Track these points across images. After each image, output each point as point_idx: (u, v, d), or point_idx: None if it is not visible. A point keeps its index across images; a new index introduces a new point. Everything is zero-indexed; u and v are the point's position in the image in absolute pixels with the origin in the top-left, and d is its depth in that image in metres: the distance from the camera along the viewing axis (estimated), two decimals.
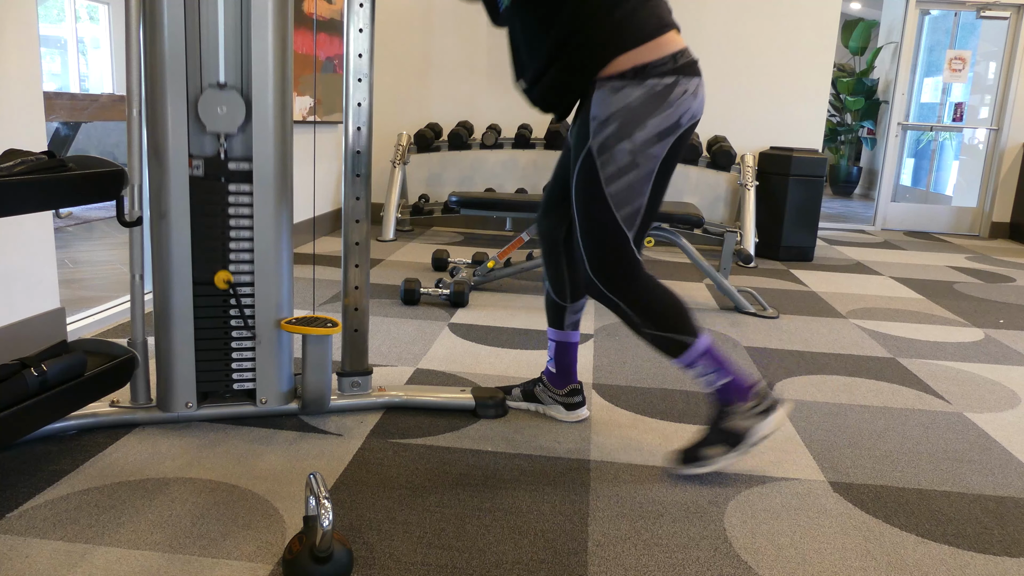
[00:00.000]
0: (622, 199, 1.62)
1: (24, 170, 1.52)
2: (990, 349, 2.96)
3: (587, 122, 1.62)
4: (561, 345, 2.01)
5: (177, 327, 1.83)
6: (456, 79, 5.24)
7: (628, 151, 1.58)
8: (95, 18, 8.38)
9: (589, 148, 1.61)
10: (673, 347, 1.70)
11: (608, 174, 1.60)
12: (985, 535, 1.58)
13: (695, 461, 1.76)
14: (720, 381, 1.71)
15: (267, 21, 1.75)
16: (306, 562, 1.28)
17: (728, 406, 1.72)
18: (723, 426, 1.73)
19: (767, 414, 1.71)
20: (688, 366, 1.71)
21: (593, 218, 1.65)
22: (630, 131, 1.57)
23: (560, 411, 2.05)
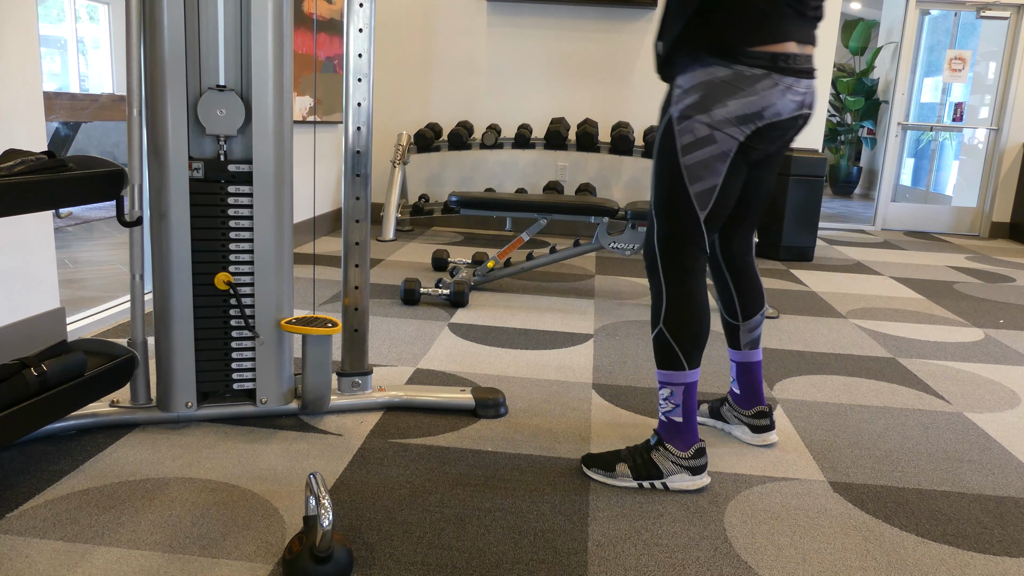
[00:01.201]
0: (696, 173, 1.61)
1: (24, 170, 1.52)
2: (990, 349, 2.96)
3: (670, 92, 1.65)
4: (742, 366, 1.94)
5: (177, 327, 1.83)
6: (456, 79, 5.24)
7: (705, 124, 1.58)
8: (95, 18, 8.38)
9: (670, 115, 1.63)
10: (670, 358, 1.68)
11: (684, 143, 1.61)
12: (985, 535, 1.58)
13: (603, 468, 1.73)
14: (674, 418, 1.70)
15: (267, 23, 1.75)
16: (306, 562, 1.28)
17: (665, 444, 1.71)
18: (649, 455, 1.71)
19: (695, 473, 1.70)
20: (664, 384, 1.70)
21: (667, 187, 1.65)
22: (709, 106, 1.57)
23: (745, 432, 1.97)
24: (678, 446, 1.70)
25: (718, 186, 1.62)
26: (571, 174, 5.32)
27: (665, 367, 1.69)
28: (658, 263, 1.69)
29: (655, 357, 1.71)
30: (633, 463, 1.71)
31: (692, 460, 1.70)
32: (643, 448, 1.73)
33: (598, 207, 3.38)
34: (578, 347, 2.71)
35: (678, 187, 1.63)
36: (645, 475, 1.70)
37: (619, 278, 3.95)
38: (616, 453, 1.75)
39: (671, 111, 1.63)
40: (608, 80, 5.17)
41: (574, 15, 5.08)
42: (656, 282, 1.70)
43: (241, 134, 1.81)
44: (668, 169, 1.64)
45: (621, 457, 1.73)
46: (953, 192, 7.32)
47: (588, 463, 1.76)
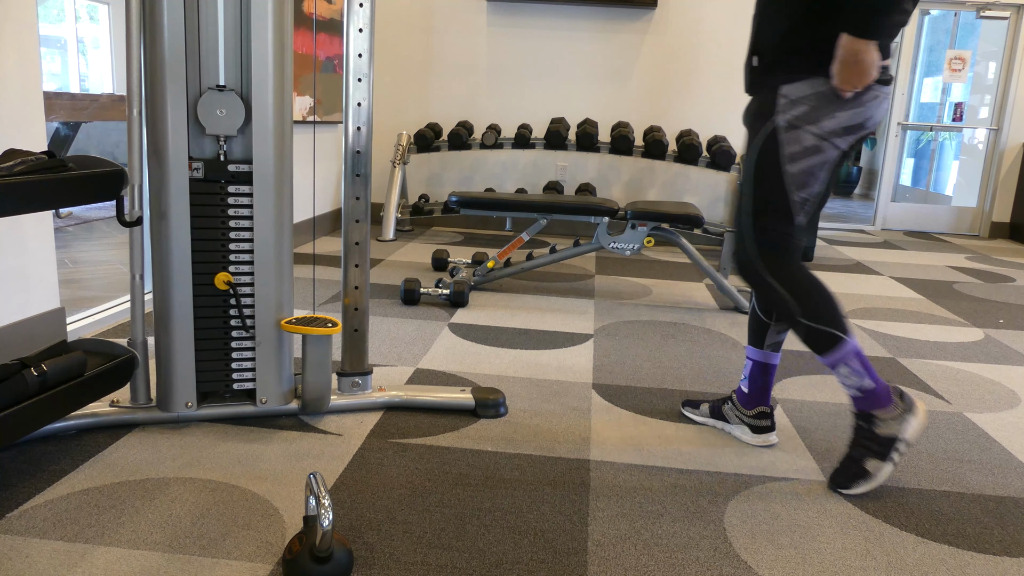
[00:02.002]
0: (799, 181, 1.65)
1: (24, 170, 1.52)
2: (990, 349, 2.96)
3: (772, 100, 1.66)
4: (759, 365, 1.94)
5: (177, 327, 1.83)
6: (456, 79, 5.24)
7: (814, 135, 1.62)
8: (95, 18, 8.39)
9: (775, 124, 1.64)
10: (825, 341, 1.69)
11: (790, 152, 1.64)
12: (985, 535, 1.59)
13: (861, 479, 1.71)
14: (866, 385, 1.69)
15: (267, 23, 1.75)
16: (306, 562, 1.28)
17: (871, 414, 1.71)
18: (874, 432, 1.71)
19: (907, 416, 1.69)
20: (835, 364, 1.70)
21: (766, 195, 1.67)
22: (818, 117, 1.61)
23: (745, 432, 1.97)
24: (885, 408, 1.70)
25: (816, 194, 1.67)
26: (571, 174, 5.32)
27: (827, 351, 1.69)
28: (760, 269, 1.72)
29: (812, 348, 1.72)
30: (872, 451, 1.70)
31: (903, 404, 1.70)
32: (864, 434, 1.72)
33: (598, 207, 3.38)
34: (578, 347, 2.71)
35: (779, 194, 1.67)
36: (885, 451, 1.70)
37: (619, 278, 3.95)
38: (852, 459, 1.73)
39: (776, 120, 1.65)
40: (608, 80, 5.17)
41: (574, 15, 5.08)
42: (765, 285, 1.72)
43: (241, 134, 1.81)
44: (769, 176, 1.67)
45: (857, 456, 1.72)
46: (953, 192, 7.32)
47: (843, 484, 1.72)
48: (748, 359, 1.97)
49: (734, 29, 5.06)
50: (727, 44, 5.08)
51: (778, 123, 1.65)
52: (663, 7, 5.04)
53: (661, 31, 5.08)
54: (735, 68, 5.11)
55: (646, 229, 3.34)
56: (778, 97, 1.65)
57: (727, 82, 5.13)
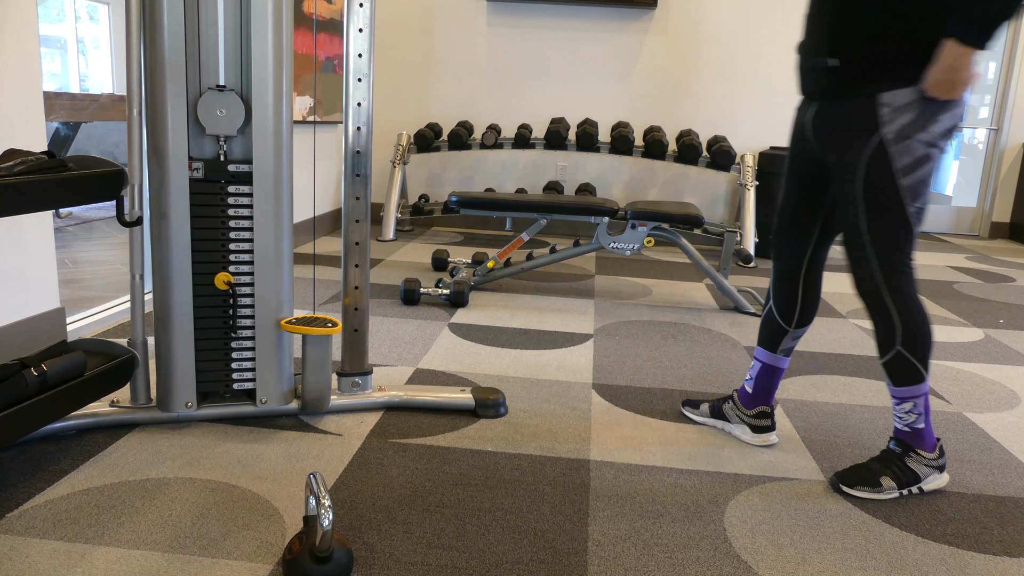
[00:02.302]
0: (914, 192, 1.59)
1: (24, 170, 1.52)
2: (990, 349, 2.96)
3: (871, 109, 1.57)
4: (768, 368, 1.95)
5: (177, 327, 1.83)
6: (456, 79, 5.24)
7: (924, 143, 1.56)
8: (95, 18, 8.39)
9: (882, 138, 1.56)
10: (911, 375, 1.68)
11: (903, 165, 1.57)
12: (985, 535, 1.59)
13: (869, 486, 1.72)
14: (917, 426, 1.72)
15: (267, 23, 1.75)
16: (306, 562, 1.28)
17: (912, 450, 1.74)
18: (904, 464, 1.73)
19: (940, 471, 1.75)
20: (904, 399, 1.70)
21: (884, 213, 1.60)
22: (925, 123, 1.55)
23: (745, 432, 1.98)
24: (925, 449, 1.73)
25: (927, 203, 1.62)
26: (571, 174, 5.32)
27: (905, 384, 1.69)
28: (884, 293, 1.65)
29: (891, 377, 1.70)
30: (894, 473, 1.73)
31: (939, 459, 1.74)
32: (894, 457, 1.75)
33: (598, 207, 3.38)
34: (578, 347, 2.71)
35: (897, 210, 1.60)
36: (906, 482, 1.73)
37: (619, 278, 3.95)
38: (868, 468, 1.75)
39: (883, 132, 1.56)
40: (608, 80, 5.17)
41: (574, 15, 5.08)
42: (883, 309, 1.66)
43: (241, 134, 1.81)
44: (887, 194, 1.59)
45: (878, 471, 1.73)
46: (953, 192, 7.32)
47: (848, 483, 1.73)
48: (757, 360, 1.97)
49: (734, 29, 5.06)
50: (727, 44, 5.08)
51: (884, 135, 1.56)
52: (663, 7, 5.04)
53: (661, 31, 5.08)
54: (735, 68, 5.11)
55: (646, 229, 3.34)
56: (879, 107, 1.57)
57: (727, 82, 5.13)
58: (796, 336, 1.91)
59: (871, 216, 1.62)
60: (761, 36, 5.05)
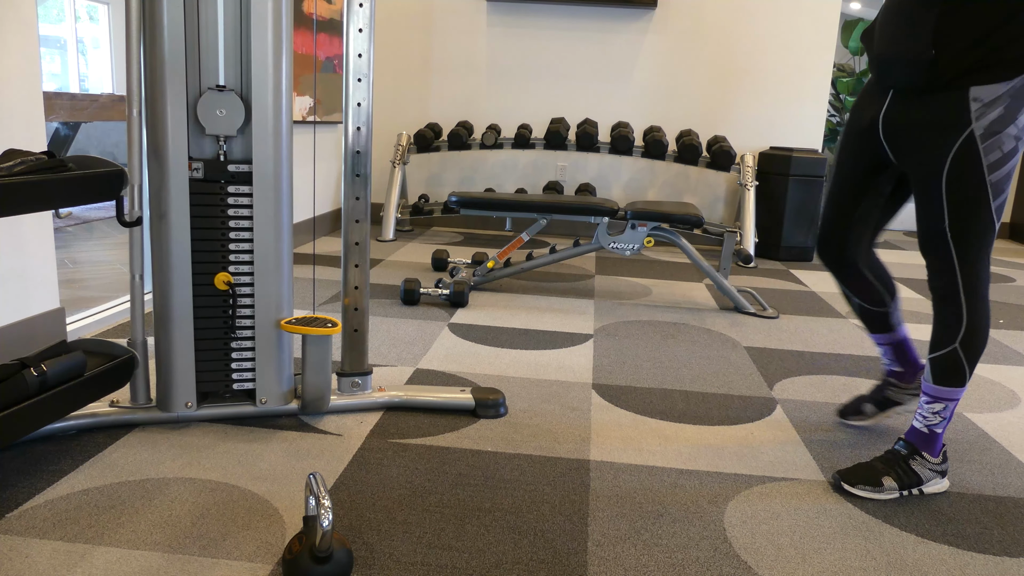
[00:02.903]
0: (1000, 187, 1.55)
1: (24, 170, 1.52)
2: (990, 349, 2.96)
3: (960, 105, 1.53)
4: (898, 344, 1.97)
5: (177, 327, 1.83)
6: (456, 79, 5.24)
7: (1013, 136, 1.52)
8: (95, 18, 8.39)
9: (971, 133, 1.52)
10: (956, 376, 1.68)
11: (992, 161, 1.53)
12: (985, 535, 1.59)
13: (869, 484, 1.73)
14: (936, 429, 1.73)
15: (267, 23, 1.75)
16: (306, 562, 1.28)
17: (919, 452, 1.75)
18: (908, 466, 1.74)
19: (942, 476, 1.77)
20: (937, 398, 1.71)
21: (968, 210, 1.57)
22: (1015, 115, 1.51)
23: None
24: (932, 453, 1.75)
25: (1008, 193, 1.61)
26: (571, 174, 5.32)
27: (947, 384, 1.69)
28: (961, 293, 1.63)
29: (936, 374, 1.70)
30: (897, 475, 1.73)
31: (942, 464, 1.76)
32: (898, 458, 1.75)
33: (598, 207, 3.38)
34: (578, 347, 2.71)
35: (983, 207, 1.56)
36: (908, 484, 1.74)
37: (619, 278, 3.95)
38: (871, 467, 1.75)
39: (973, 128, 1.52)
40: (608, 80, 5.17)
41: (574, 15, 5.08)
42: (955, 306, 1.64)
43: (241, 134, 1.81)
44: (973, 191, 1.56)
45: (881, 471, 1.74)
46: None
47: (849, 481, 1.73)
48: (882, 345, 1.99)
49: (734, 29, 5.06)
50: (727, 44, 5.08)
51: (975, 131, 1.53)
52: (663, 7, 5.04)
53: (661, 31, 5.08)
54: (735, 68, 5.11)
55: (646, 229, 3.34)
56: (970, 101, 1.52)
57: (727, 82, 5.13)
58: (897, 305, 1.93)
59: (955, 214, 1.58)
60: (761, 36, 5.05)
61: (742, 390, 2.37)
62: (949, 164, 1.56)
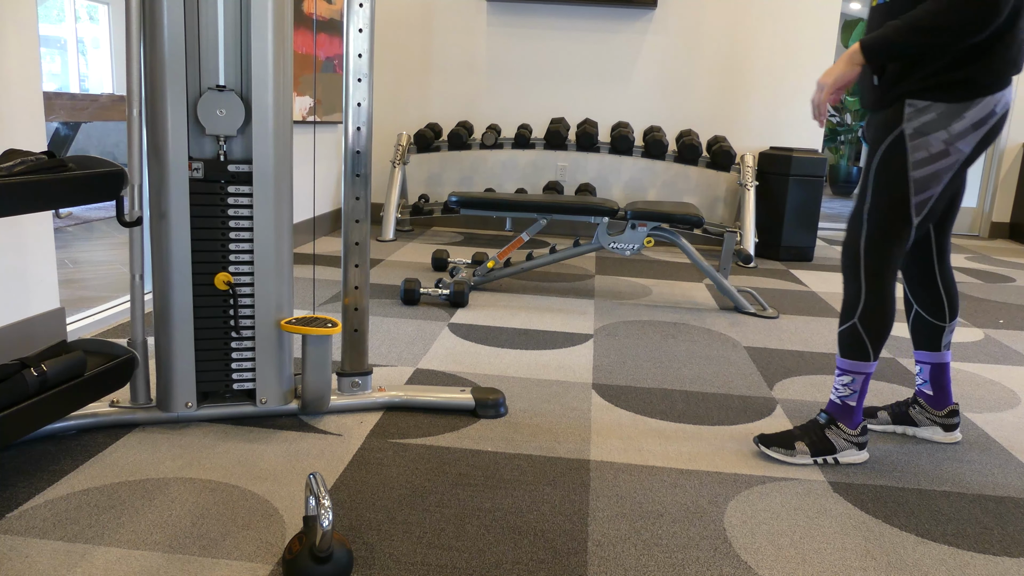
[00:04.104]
0: (923, 184, 1.69)
1: (24, 170, 1.52)
2: (990, 349, 2.96)
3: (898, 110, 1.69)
4: (937, 367, 2.00)
5: (177, 327, 1.83)
6: (456, 79, 5.24)
7: (943, 141, 1.65)
8: (95, 18, 8.39)
9: (902, 131, 1.68)
10: (858, 350, 1.80)
11: (917, 159, 1.67)
12: (985, 535, 1.59)
13: (783, 447, 1.86)
14: (849, 401, 1.85)
15: (267, 23, 1.75)
16: (306, 562, 1.28)
17: (836, 421, 1.86)
18: (823, 434, 1.86)
19: (860, 448, 1.87)
20: (845, 371, 1.83)
21: (888, 197, 1.71)
22: (947, 122, 1.64)
23: (938, 432, 2.04)
24: (848, 425, 1.86)
25: (937, 194, 1.71)
26: (571, 174, 5.32)
27: (851, 357, 1.82)
28: (861, 264, 1.77)
29: (841, 347, 1.83)
30: (810, 440, 1.86)
31: (859, 437, 1.87)
32: (815, 427, 1.88)
33: (598, 207, 3.38)
34: (578, 347, 2.71)
35: (900, 197, 1.70)
36: (821, 451, 1.85)
37: (619, 278, 3.95)
38: (790, 433, 1.89)
39: (903, 127, 1.68)
40: (608, 80, 5.17)
41: (574, 15, 5.08)
42: (855, 281, 1.79)
43: (241, 134, 1.81)
44: (893, 181, 1.70)
45: (796, 436, 1.87)
46: None
47: (766, 443, 1.88)
48: (923, 363, 2.02)
49: (734, 29, 5.06)
50: (727, 44, 5.08)
51: (904, 130, 1.68)
52: (663, 7, 5.04)
53: (661, 31, 5.08)
54: (735, 68, 5.11)
55: (646, 229, 3.34)
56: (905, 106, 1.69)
57: (727, 82, 5.13)
58: (952, 329, 1.98)
59: (876, 199, 1.73)
60: (761, 36, 5.05)
61: (742, 390, 2.37)
62: (880, 154, 1.72)
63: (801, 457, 1.85)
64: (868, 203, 1.74)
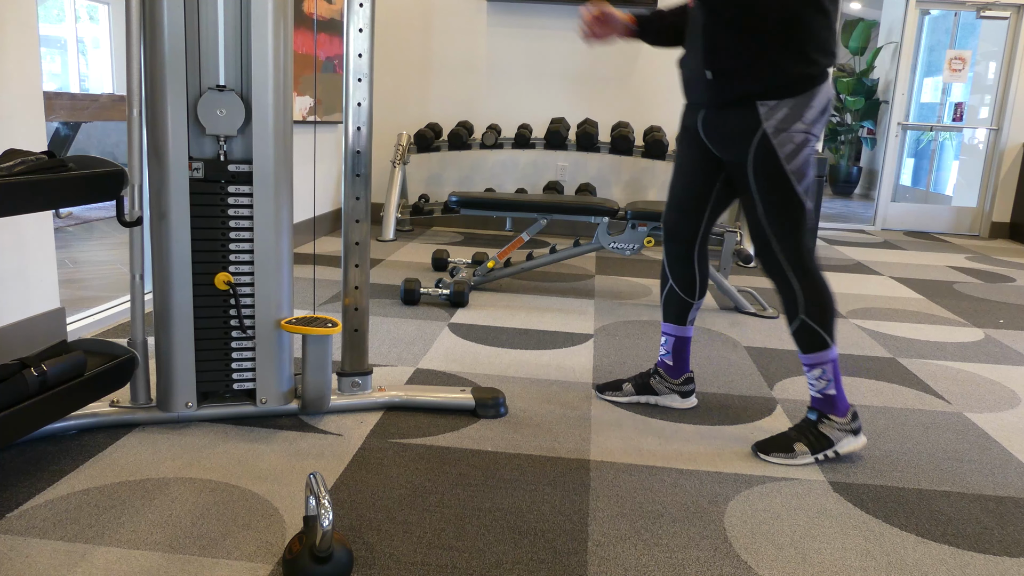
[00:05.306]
0: (801, 172, 1.77)
1: (24, 170, 1.52)
2: (990, 349, 2.96)
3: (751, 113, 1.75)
4: (681, 340, 2.13)
5: (177, 327, 1.83)
6: (456, 79, 5.24)
7: (802, 130, 1.75)
8: (95, 18, 8.38)
9: (764, 132, 1.75)
10: (816, 342, 1.84)
11: (787, 152, 1.75)
12: (985, 535, 1.59)
13: (784, 452, 1.86)
14: (829, 391, 1.87)
15: (267, 23, 1.75)
16: (306, 562, 1.28)
17: (826, 415, 1.88)
18: (817, 430, 1.87)
19: (856, 434, 1.88)
20: (813, 365, 1.86)
21: (778, 197, 1.78)
22: (800, 112, 1.74)
23: (676, 399, 2.18)
24: (838, 414, 1.87)
25: (814, 177, 1.80)
26: (571, 174, 5.32)
27: (812, 350, 1.85)
28: (785, 269, 1.82)
29: (800, 345, 1.86)
30: (808, 440, 1.87)
31: (852, 423, 1.88)
32: (809, 425, 1.89)
33: (598, 207, 3.38)
34: (578, 347, 2.71)
35: (788, 193, 1.77)
36: (820, 447, 1.86)
37: (619, 278, 3.95)
38: (786, 436, 1.89)
39: (764, 128, 1.75)
40: (608, 80, 5.17)
41: (574, 15, 5.08)
42: (785, 282, 1.83)
43: (241, 134, 1.81)
44: (776, 179, 1.77)
45: (793, 438, 1.88)
46: (953, 192, 7.32)
47: (765, 450, 1.87)
48: (669, 335, 2.14)
49: None
50: None
51: (765, 130, 1.75)
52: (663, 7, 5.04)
53: None
54: None
55: (646, 229, 3.34)
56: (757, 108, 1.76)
57: None
58: (698, 306, 2.11)
59: (765, 201, 1.80)
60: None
61: (742, 390, 2.37)
62: (751, 160, 1.78)
63: (803, 457, 1.85)
64: (760, 208, 1.80)
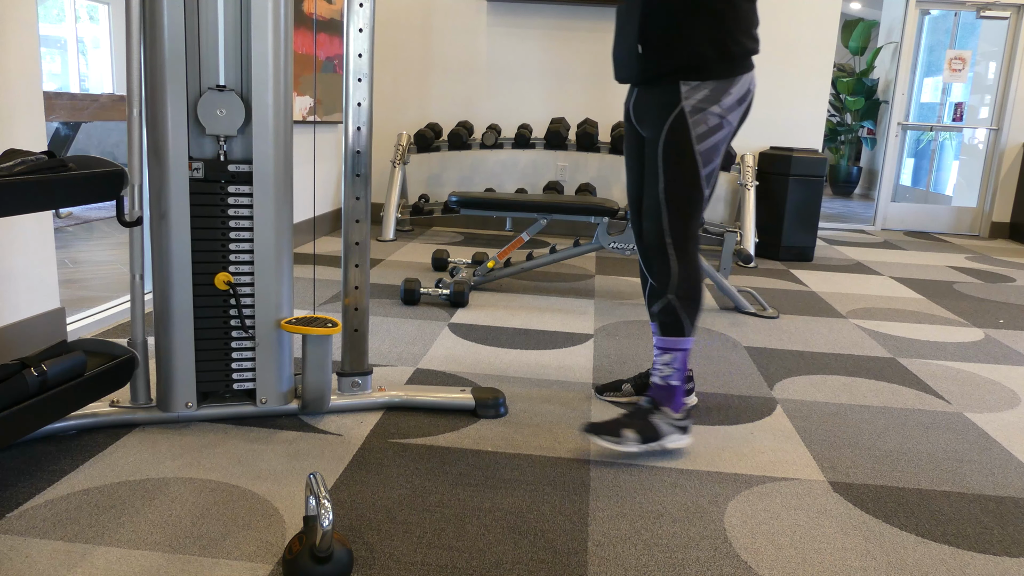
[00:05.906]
0: (708, 157, 1.81)
1: (24, 170, 1.52)
2: (990, 349, 2.96)
3: (674, 91, 1.79)
4: None
5: (177, 327, 1.83)
6: (456, 79, 5.24)
7: (717, 115, 1.79)
8: (95, 18, 8.39)
9: (682, 110, 1.78)
10: (675, 327, 1.86)
11: (699, 132, 1.79)
12: (985, 535, 1.59)
13: (611, 435, 1.84)
14: (672, 382, 1.88)
15: (267, 23, 1.75)
16: (306, 562, 1.28)
17: (661, 406, 1.87)
18: (648, 419, 1.86)
19: (683, 432, 1.89)
20: (665, 349, 1.87)
21: (680, 174, 1.81)
22: (719, 96, 1.78)
23: None
24: (672, 408, 1.88)
25: (718, 165, 1.83)
26: (571, 174, 5.32)
27: (670, 334, 1.86)
28: (668, 246, 1.84)
29: (659, 326, 1.87)
30: (637, 428, 1.85)
31: (682, 420, 1.89)
32: (641, 412, 1.88)
33: (598, 207, 3.38)
34: (578, 347, 2.71)
35: (691, 173, 1.80)
36: (648, 438, 1.85)
37: (619, 278, 3.95)
38: (617, 420, 1.87)
39: (683, 106, 1.78)
40: (608, 80, 5.17)
41: (574, 15, 5.08)
42: (664, 260, 1.85)
43: (241, 134, 1.81)
44: (681, 158, 1.80)
45: (624, 424, 1.86)
46: (953, 192, 7.32)
47: (596, 431, 1.85)
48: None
49: None
50: None
51: (684, 108, 1.79)
52: None
53: None
54: None
55: None
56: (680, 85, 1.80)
57: None
58: None
59: (669, 177, 1.82)
60: (761, 36, 5.05)
61: (742, 390, 2.37)
62: (664, 134, 1.81)
63: (630, 444, 1.83)
64: (662, 183, 1.82)
